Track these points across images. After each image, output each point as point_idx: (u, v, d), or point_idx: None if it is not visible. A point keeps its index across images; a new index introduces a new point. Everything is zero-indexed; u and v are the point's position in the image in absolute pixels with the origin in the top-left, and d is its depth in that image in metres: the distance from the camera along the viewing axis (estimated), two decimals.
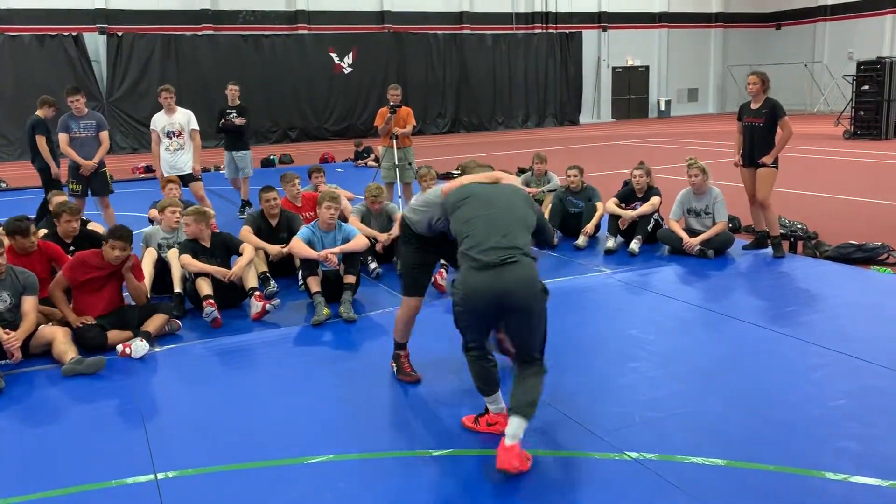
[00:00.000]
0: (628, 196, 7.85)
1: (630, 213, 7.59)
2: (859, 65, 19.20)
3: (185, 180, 8.69)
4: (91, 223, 7.05)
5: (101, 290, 5.32)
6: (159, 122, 8.86)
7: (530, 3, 28.48)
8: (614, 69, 30.64)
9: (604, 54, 30.15)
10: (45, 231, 6.37)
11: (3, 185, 14.31)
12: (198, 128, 8.95)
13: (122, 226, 5.32)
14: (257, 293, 5.78)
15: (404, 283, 4.31)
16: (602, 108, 30.51)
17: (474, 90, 26.84)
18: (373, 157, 16.39)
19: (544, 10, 28.59)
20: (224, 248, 6.14)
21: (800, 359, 4.60)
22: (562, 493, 3.22)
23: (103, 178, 8.49)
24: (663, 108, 31.29)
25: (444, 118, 26.55)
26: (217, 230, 6.52)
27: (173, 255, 6.00)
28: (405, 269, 4.28)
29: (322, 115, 24.70)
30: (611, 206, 7.75)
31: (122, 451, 3.71)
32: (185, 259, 5.83)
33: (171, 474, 3.46)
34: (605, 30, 29.96)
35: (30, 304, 4.98)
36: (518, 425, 3.32)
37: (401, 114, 9.50)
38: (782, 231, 7.44)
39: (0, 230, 5.73)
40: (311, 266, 5.90)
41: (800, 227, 7.85)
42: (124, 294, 5.53)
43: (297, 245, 5.93)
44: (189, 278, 5.90)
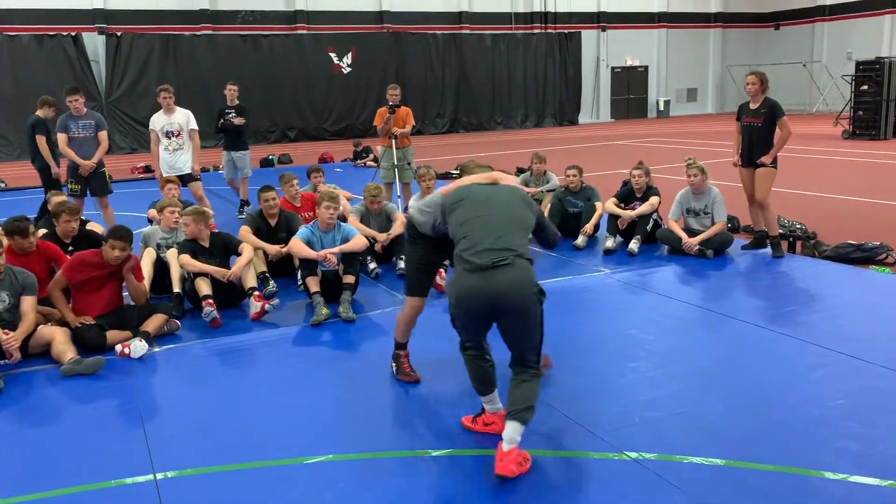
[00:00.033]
0: (627, 196, 7.85)
1: (629, 213, 7.59)
2: (858, 65, 19.23)
3: (184, 180, 8.69)
4: (90, 223, 7.05)
5: (101, 290, 5.31)
6: (158, 122, 8.85)
7: (529, 3, 28.49)
8: (613, 69, 30.66)
9: (603, 54, 30.18)
10: (44, 231, 6.36)
11: (3, 185, 14.30)
12: (197, 128, 8.95)
13: (122, 226, 5.32)
14: (256, 293, 5.78)
15: (408, 283, 4.30)
16: (601, 108, 30.54)
17: (473, 90, 26.85)
18: (372, 157, 16.38)
19: (543, 10, 28.61)
20: (223, 248, 6.13)
21: (799, 359, 4.60)
22: (561, 492, 3.22)
23: (102, 178, 8.49)
24: (662, 108, 31.32)
25: (443, 118, 26.56)
26: (216, 230, 6.52)
27: (172, 255, 6.00)
28: (409, 269, 4.27)
29: (321, 115, 24.70)
30: (610, 205, 7.75)
31: (122, 451, 3.71)
32: (184, 259, 5.83)
33: (170, 474, 3.45)
34: (604, 30, 29.98)
35: (29, 304, 4.97)
36: (515, 429, 3.31)
37: (400, 114, 9.50)
38: (781, 231, 7.45)
39: None
40: (310, 266, 5.90)
41: (799, 226, 7.86)
42: (123, 294, 5.53)
43: (297, 245, 5.93)
44: (188, 278, 5.90)
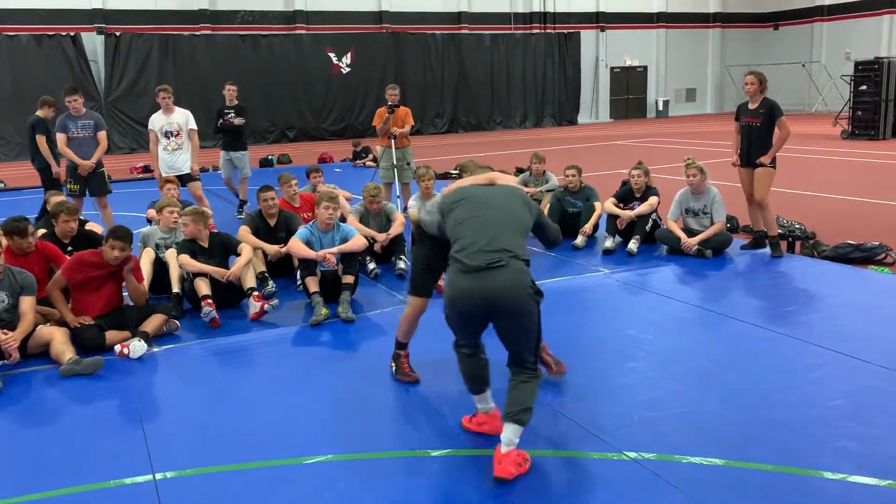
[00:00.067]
0: (626, 196, 7.86)
1: (628, 213, 7.60)
2: (857, 65, 19.24)
3: (184, 180, 8.69)
4: (89, 223, 7.04)
5: (100, 290, 5.31)
6: (157, 122, 8.85)
7: (528, 3, 28.50)
8: (612, 69, 30.67)
9: (602, 54, 30.19)
10: (42, 231, 6.36)
11: (2, 186, 14.29)
12: (196, 128, 8.94)
13: (122, 226, 5.31)
14: (255, 293, 5.78)
15: (412, 283, 4.29)
16: (600, 108, 30.55)
17: (472, 90, 26.86)
18: (371, 157, 16.38)
19: (542, 10, 28.63)
20: (222, 248, 6.13)
21: (798, 359, 4.60)
22: (561, 492, 3.22)
23: (101, 179, 8.49)
24: (661, 108, 31.33)
25: (443, 118, 26.56)
26: (215, 230, 6.52)
27: (171, 255, 5.99)
28: (415, 269, 4.26)
29: (320, 115, 24.71)
30: (609, 205, 7.75)
31: (121, 451, 3.70)
32: (183, 259, 5.83)
33: (169, 474, 3.45)
34: (603, 30, 29.99)
35: (28, 304, 4.97)
36: (513, 432, 3.31)
37: (399, 114, 9.50)
38: (780, 231, 7.45)
39: None
40: (309, 266, 5.90)
41: (798, 226, 7.86)
42: (123, 294, 5.53)
43: (296, 245, 5.93)
44: (187, 278, 5.90)
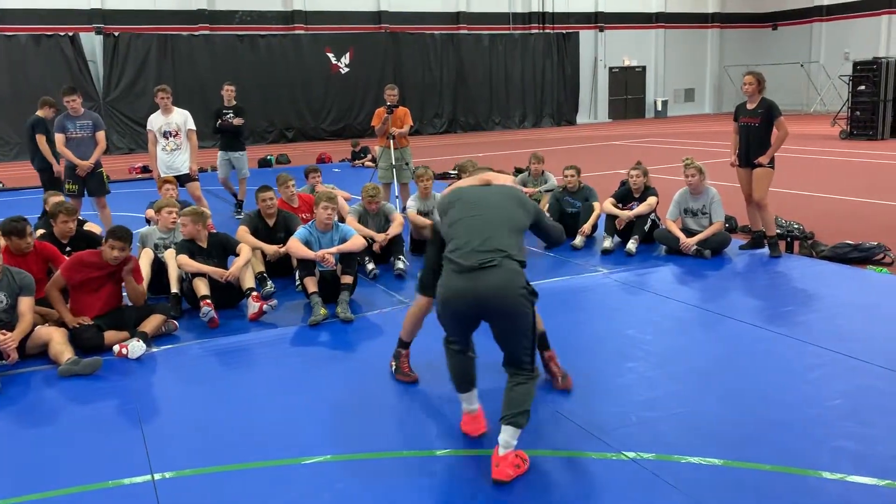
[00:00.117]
0: (625, 196, 7.86)
1: (627, 214, 7.60)
2: (855, 65, 19.26)
3: (182, 180, 8.69)
4: (88, 223, 7.04)
5: (99, 290, 5.31)
6: (156, 122, 8.85)
7: (527, 4, 28.51)
8: (611, 69, 30.69)
9: (600, 54, 30.20)
10: (41, 231, 6.35)
11: (0, 186, 14.28)
12: (194, 128, 8.94)
13: (122, 226, 5.30)
14: (254, 293, 5.78)
15: (421, 281, 4.27)
16: (599, 108, 30.56)
17: (471, 90, 26.86)
18: (370, 157, 16.38)
19: (541, 10, 28.63)
20: (221, 249, 6.13)
21: (797, 359, 4.61)
22: (559, 492, 3.22)
23: (100, 179, 8.49)
24: (660, 108, 31.34)
25: (441, 118, 26.56)
26: (214, 230, 6.52)
27: (170, 255, 5.99)
28: (425, 268, 4.24)
29: (319, 116, 24.70)
30: (608, 206, 7.75)
31: (119, 451, 3.70)
32: (182, 259, 5.83)
33: (168, 475, 3.45)
34: (601, 30, 30.00)
35: (26, 304, 4.96)
36: (511, 434, 3.31)
37: (398, 114, 9.49)
38: (779, 231, 7.45)
39: None
40: (308, 266, 5.90)
41: (796, 226, 7.87)
42: (122, 294, 5.52)
43: (295, 245, 5.93)
44: (186, 278, 5.90)
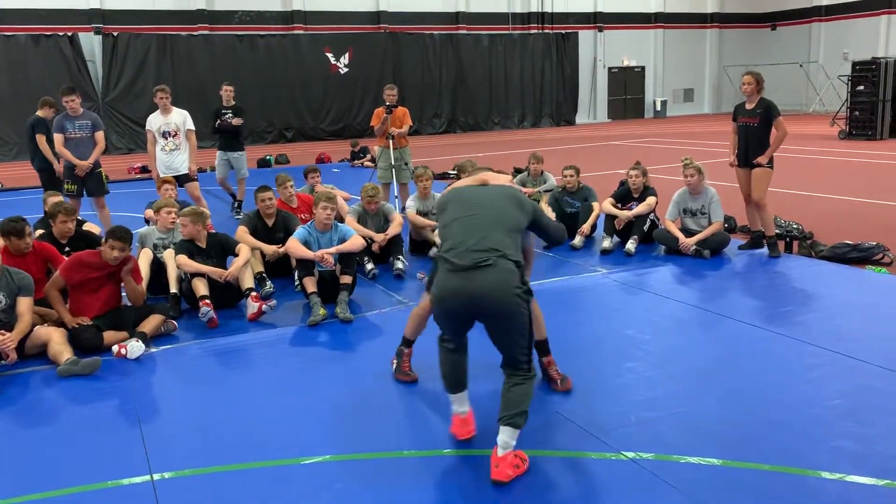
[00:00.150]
0: (624, 196, 7.86)
1: (626, 214, 7.60)
2: (854, 65, 19.27)
3: (181, 181, 8.69)
4: (87, 224, 7.03)
5: (99, 290, 5.30)
6: (155, 122, 8.85)
7: (526, 4, 28.51)
8: (610, 69, 30.69)
9: (600, 54, 30.22)
10: (40, 231, 6.35)
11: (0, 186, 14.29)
12: (193, 128, 8.93)
13: (122, 226, 5.29)
14: (253, 293, 5.78)
15: (430, 280, 4.27)
16: (598, 108, 30.57)
17: (470, 90, 26.86)
18: (369, 157, 16.38)
19: (540, 10, 28.64)
20: (220, 249, 6.13)
21: (796, 359, 4.61)
22: (559, 492, 3.22)
23: (99, 179, 8.49)
24: (659, 108, 31.35)
25: (441, 118, 26.56)
26: (213, 230, 6.51)
27: (169, 255, 5.99)
28: (434, 266, 4.25)
29: (318, 116, 24.70)
30: (607, 206, 7.76)
31: (118, 451, 3.70)
32: (181, 259, 5.83)
33: (167, 475, 3.45)
34: (600, 30, 30.01)
35: (25, 304, 4.96)
36: (509, 435, 3.30)
37: (397, 114, 9.49)
38: (778, 231, 7.46)
39: None
40: (307, 266, 5.90)
41: (795, 227, 7.87)
42: (121, 294, 5.52)
43: (294, 245, 5.93)
44: (185, 279, 5.90)
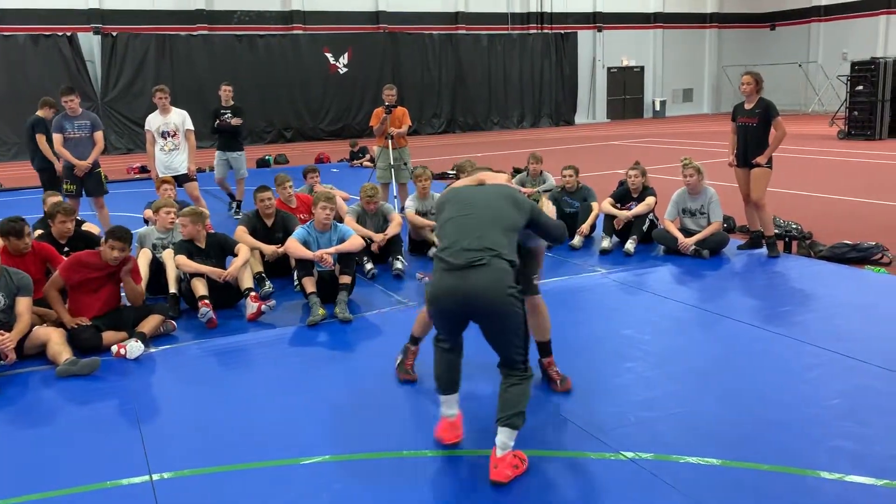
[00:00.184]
0: (624, 196, 7.86)
1: (625, 214, 7.60)
2: (853, 65, 19.28)
3: (180, 181, 8.68)
4: (86, 224, 7.03)
5: (98, 290, 5.30)
6: (154, 122, 8.84)
7: (525, 4, 28.52)
8: (609, 69, 30.70)
9: (599, 54, 30.22)
10: (39, 231, 6.35)
11: None
12: (192, 128, 8.93)
13: (122, 227, 5.29)
14: (253, 294, 5.78)
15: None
16: (597, 108, 30.57)
17: (470, 90, 26.85)
18: (368, 157, 16.38)
19: (539, 10, 28.64)
20: (219, 249, 6.13)
21: (795, 358, 4.61)
22: (558, 492, 3.22)
23: (98, 179, 8.49)
24: (658, 108, 31.36)
25: (440, 118, 26.55)
26: (212, 231, 6.51)
27: (168, 255, 5.99)
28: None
29: (317, 116, 24.69)
30: (606, 206, 7.76)
31: (118, 452, 3.70)
32: (180, 260, 5.83)
33: (166, 475, 3.45)
34: (599, 30, 30.02)
35: (24, 304, 4.96)
36: (507, 435, 3.30)
37: (396, 114, 9.48)
38: (777, 231, 7.46)
39: None
40: (306, 266, 5.90)
41: (794, 227, 7.88)
42: (121, 294, 5.52)
43: (293, 245, 5.93)
44: (184, 279, 5.89)
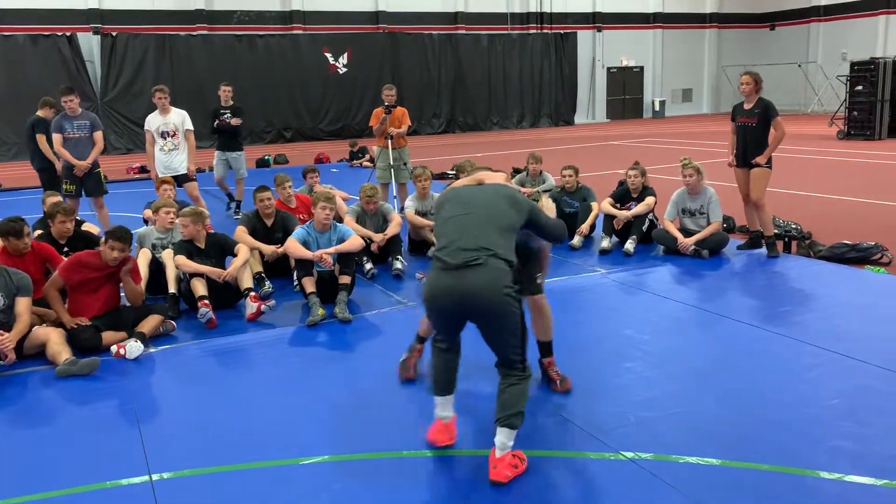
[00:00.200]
0: (623, 196, 7.86)
1: (625, 214, 7.60)
2: (853, 65, 19.29)
3: (180, 181, 8.68)
4: (85, 224, 7.03)
5: (98, 291, 5.30)
6: (153, 122, 8.84)
7: (525, 4, 28.52)
8: (609, 69, 30.70)
9: (598, 54, 30.23)
10: (39, 232, 6.34)
11: None
12: (192, 128, 8.93)
13: (122, 227, 5.29)
14: (252, 294, 5.78)
15: None
16: (597, 108, 30.57)
17: (469, 90, 26.86)
18: (368, 157, 16.38)
19: (539, 10, 28.65)
20: (219, 249, 6.13)
21: (794, 358, 4.61)
22: (558, 492, 3.22)
23: (97, 179, 8.49)
24: (658, 108, 31.36)
25: (440, 118, 26.55)
26: (212, 231, 6.51)
27: (168, 255, 5.99)
28: None
29: (317, 116, 24.69)
30: (606, 206, 7.76)
31: (117, 452, 3.70)
32: (180, 260, 5.83)
33: (165, 475, 3.45)
34: (599, 30, 30.02)
35: (23, 305, 4.96)
36: (506, 436, 3.30)
37: (396, 114, 9.48)
38: (776, 231, 7.46)
39: None
40: (306, 266, 5.90)
41: (794, 227, 7.88)
42: (120, 294, 5.52)
43: (293, 245, 5.93)
44: (184, 279, 5.89)
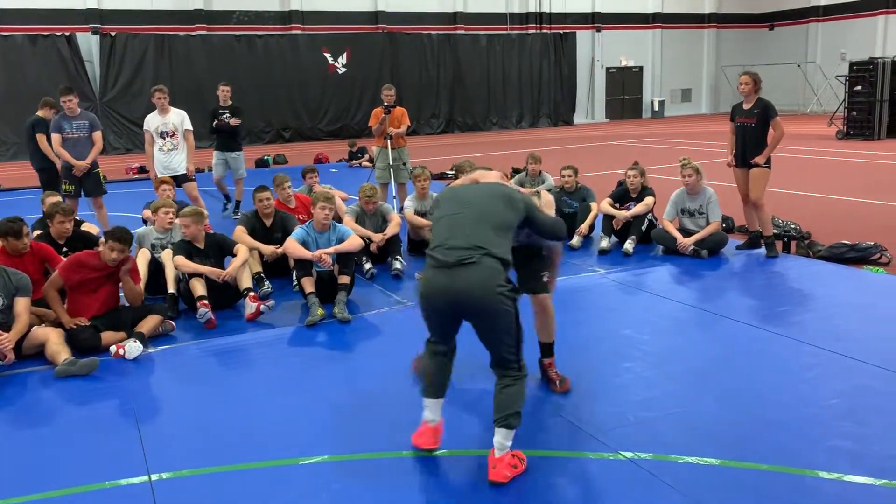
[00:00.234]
0: (622, 196, 7.87)
1: (624, 214, 7.60)
2: (852, 65, 19.30)
3: (179, 181, 8.68)
4: (84, 224, 7.03)
5: (97, 291, 5.30)
6: (153, 122, 8.84)
7: (524, 4, 28.53)
8: (608, 69, 30.72)
9: (597, 54, 30.24)
10: (38, 232, 6.34)
11: None
12: (191, 128, 8.92)
13: (122, 227, 5.28)
14: (251, 294, 5.78)
15: None
16: (596, 108, 30.58)
17: (468, 90, 26.86)
18: (367, 157, 16.38)
19: (538, 10, 28.66)
20: (218, 249, 6.12)
21: (793, 358, 4.61)
22: (557, 493, 3.22)
23: (96, 179, 8.48)
24: (657, 108, 31.38)
25: (439, 118, 26.55)
26: (211, 231, 6.51)
27: (167, 255, 5.99)
28: None
29: (316, 116, 24.69)
30: (605, 206, 7.76)
31: (116, 452, 3.70)
32: (179, 260, 5.82)
33: (165, 475, 3.45)
34: (598, 30, 30.03)
35: (22, 305, 4.95)
36: (504, 436, 3.30)
37: (395, 114, 9.48)
38: (776, 231, 7.47)
39: None
40: (305, 266, 5.90)
41: (793, 227, 7.88)
42: (120, 294, 5.51)
43: (292, 245, 5.93)
44: (183, 279, 5.89)
